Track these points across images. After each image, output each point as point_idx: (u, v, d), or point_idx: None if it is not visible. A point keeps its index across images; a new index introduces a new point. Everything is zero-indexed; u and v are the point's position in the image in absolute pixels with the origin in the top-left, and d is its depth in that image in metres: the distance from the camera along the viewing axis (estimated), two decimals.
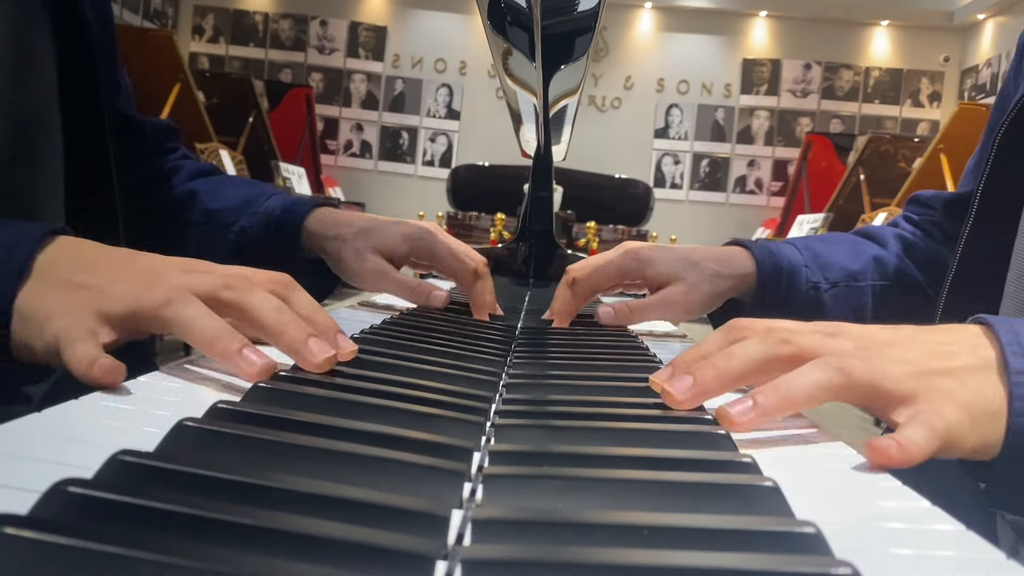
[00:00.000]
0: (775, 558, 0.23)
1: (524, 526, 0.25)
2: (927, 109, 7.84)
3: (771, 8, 7.78)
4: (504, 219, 5.06)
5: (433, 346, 0.58)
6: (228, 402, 0.35)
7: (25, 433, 0.31)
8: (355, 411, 0.38)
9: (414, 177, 8.00)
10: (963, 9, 7.39)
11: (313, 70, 8.00)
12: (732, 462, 0.33)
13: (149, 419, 0.35)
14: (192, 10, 7.97)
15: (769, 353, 0.43)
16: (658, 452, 0.35)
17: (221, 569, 0.20)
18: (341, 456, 0.30)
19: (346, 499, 0.26)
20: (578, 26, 0.86)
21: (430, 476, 0.29)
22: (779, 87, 7.92)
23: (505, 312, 0.84)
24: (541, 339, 0.71)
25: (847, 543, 0.26)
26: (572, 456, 0.33)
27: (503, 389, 0.47)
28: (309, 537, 0.23)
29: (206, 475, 0.26)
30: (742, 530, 0.25)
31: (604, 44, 7.76)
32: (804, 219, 6.12)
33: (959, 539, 0.28)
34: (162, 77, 4.89)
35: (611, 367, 0.58)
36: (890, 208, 5.01)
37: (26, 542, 0.20)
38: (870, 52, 7.88)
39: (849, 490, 0.34)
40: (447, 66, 7.94)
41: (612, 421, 0.40)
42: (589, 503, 0.29)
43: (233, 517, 0.23)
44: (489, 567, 0.22)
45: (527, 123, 1.24)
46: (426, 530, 0.25)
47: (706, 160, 7.94)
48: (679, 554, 0.23)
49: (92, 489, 0.24)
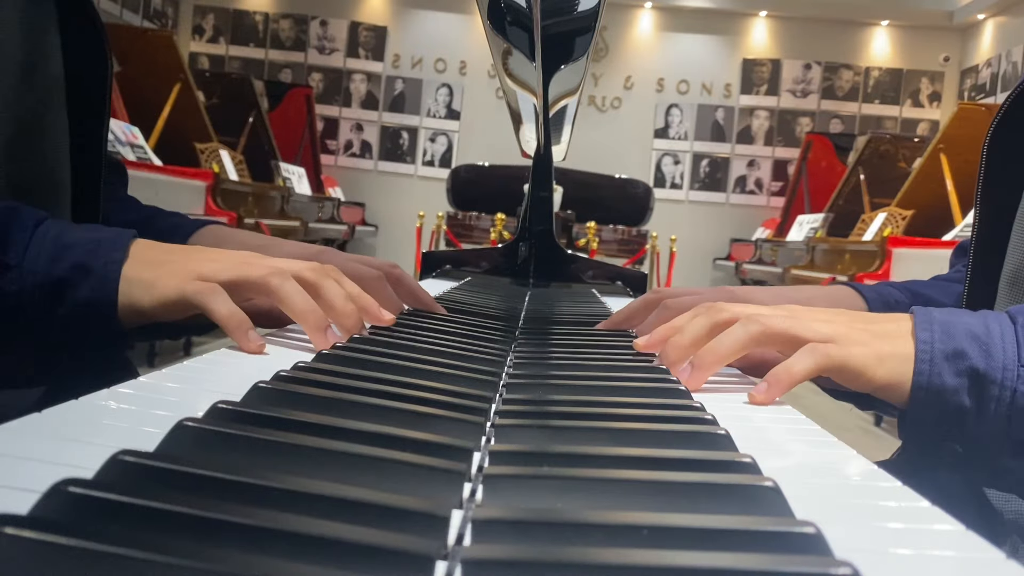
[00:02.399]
0: (775, 558, 0.23)
1: (524, 526, 0.25)
2: (927, 109, 7.83)
3: (771, 8, 7.78)
4: (504, 219, 5.06)
5: (433, 346, 0.58)
6: (228, 402, 0.35)
7: (25, 433, 0.31)
8: (355, 411, 0.38)
9: (414, 177, 8.00)
10: (963, 9, 7.39)
11: (313, 70, 8.00)
12: (732, 462, 0.33)
13: (149, 419, 0.35)
14: (192, 10, 7.97)
15: (711, 321, 0.55)
16: (658, 452, 0.35)
17: (221, 569, 0.20)
18: (341, 456, 0.30)
19: (346, 499, 0.26)
20: (578, 26, 0.86)
21: (430, 476, 0.29)
22: (779, 87, 7.92)
23: (505, 312, 0.84)
24: (541, 339, 0.71)
25: (847, 543, 0.26)
26: (572, 456, 0.34)
27: (503, 389, 0.47)
28: (309, 537, 0.23)
29: (206, 475, 0.26)
30: (742, 530, 0.25)
31: (604, 44, 7.76)
32: (804, 219, 6.12)
33: (959, 539, 0.28)
34: (162, 77, 4.90)
35: (611, 367, 0.58)
36: (890, 208, 5.01)
37: (26, 542, 0.20)
38: (870, 52, 7.88)
39: (849, 490, 0.34)
40: (447, 66, 7.93)
41: (612, 421, 0.40)
42: (589, 503, 0.29)
43: (233, 517, 0.23)
44: (489, 567, 0.22)
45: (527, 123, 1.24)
46: (426, 530, 0.25)
47: (706, 160, 7.94)
48: (679, 554, 0.23)
49: (92, 489, 0.24)
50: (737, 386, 0.57)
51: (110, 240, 0.55)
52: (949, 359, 0.50)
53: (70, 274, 0.53)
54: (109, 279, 0.53)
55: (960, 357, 0.50)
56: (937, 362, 0.50)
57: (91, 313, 0.53)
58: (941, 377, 0.50)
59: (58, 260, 0.53)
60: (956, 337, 0.51)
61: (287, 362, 0.47)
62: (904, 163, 5.90)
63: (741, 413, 0.49)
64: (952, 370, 0.50)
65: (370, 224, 7.73)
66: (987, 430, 0.50)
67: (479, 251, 1.50)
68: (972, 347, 0.50)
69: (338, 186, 7.48)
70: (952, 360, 0.50)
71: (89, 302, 0.53)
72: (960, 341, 0.51)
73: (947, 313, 0.53)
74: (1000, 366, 0.49)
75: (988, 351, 0.50)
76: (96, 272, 0.53)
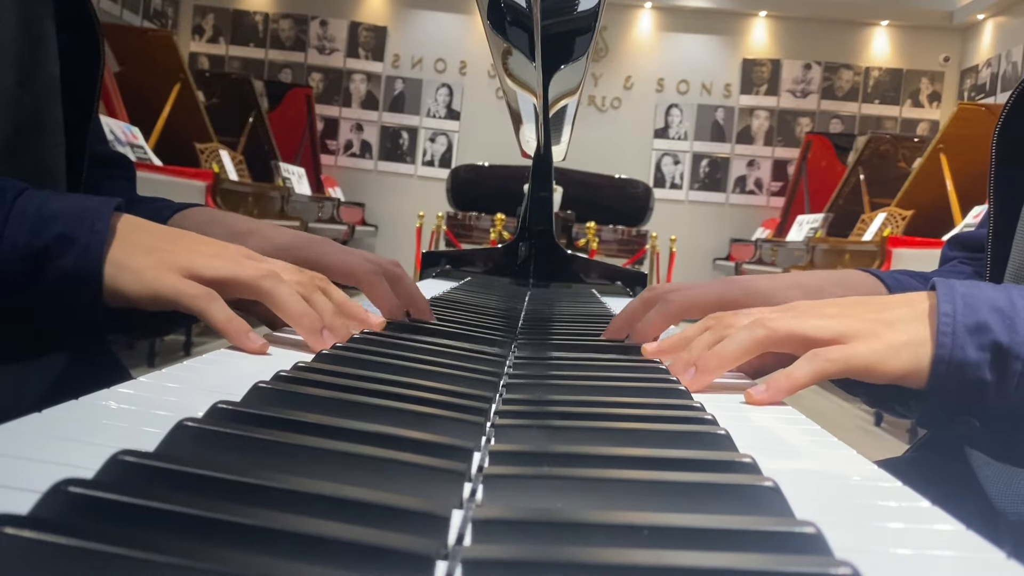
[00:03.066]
0: (775, 558, 0.23)
1: (524, 526, 0.25)
2: (927, 109, 7.84)
3: (771, 8, 7.78)
4: (504, 219, 5.06)
5: (433, 346, 0.58)
6: (228, 402, 0.35)
7: (25, 433, 0.31)
8: (355, 411, 0.38)
9: (414, 177, 8.00)
10: (963, 9, 7.39)
11: (313, 70, 8.00)
12: (732, 462, 0.33)
13: (149, 419, 0.35)
14: (192, 10, 7.97)
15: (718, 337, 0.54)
16: (658, 452, 0.35)
17: (221, 569, 0.20)
18: (341, 456, 0.30)
19: (346, 499, 0.26)
20: (578, 26, 0.86)
21: (430, 476, 0.29)
22: (779, 87, 7.92)
23: (505, 312, 0.83)
24: (541, 339, 0.71)
25: (847, 543, 0.26)
26: (572, 456, 0.33)
27: (503, 389, 0.47)
28: (309, 537, 0.23)
29: (206, 475, 0.26)
30: (742, 530, 0.25)
31: (604, 44, 7.76)
32: (804, 219, 6.12)
33: (959, 539, 0.28)
34: (162, 77, 4.90)
35: (611, 367, 0.58)
36: (890, 208, 5.01)
37: (26, 542, 0.20)
38: (870, 52, 7.88)
39: (849, 490, 0.34)
40: (447, 66, 7.94)
41: (612, 421, 0.40)
42: (589, 503, 0.29)
43: (233, 517, 0.23)
44: (489, 567, 0.22)
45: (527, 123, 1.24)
46: (426, 530, 0.25)
47: (706, 160, 7.94)
48: (679, 554, 0.23)
49: (92, 489, 0.24)
50: (737, 385, 0.57)
51: (94, 209, 0.53)
52: (972, 332, 0.49)
53: (52, 244, 0.51)
54: (93, 249, 0.52)
55: (983, 330, 0.49)
56: (960, 335, 0.49)
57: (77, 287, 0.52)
58: (963, 351, 0.49)
59: (40, 231, 0.51)
60: (979, 310, 0.50)
61: (287, 362, 0.47)
62: (904, 163, 5.90)
63: (741, 413, 0.49)
64: (975, 343, 0.49)
65: (370, 224, 7.73)
66: (1007, 404, 0.49)
67: (479, 251, 1.50)
68: (995, 320, 0.49)
69: (338, 186, 7.48)
70: (975, 333, 0.49)
71: (73, 273, 0.51)
72: (983, 314, 0.49)
73: (969, 286, 0.51)
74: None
75: (1012, 325, 0.49)
76: (80, 242, 0.51)
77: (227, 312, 0.53)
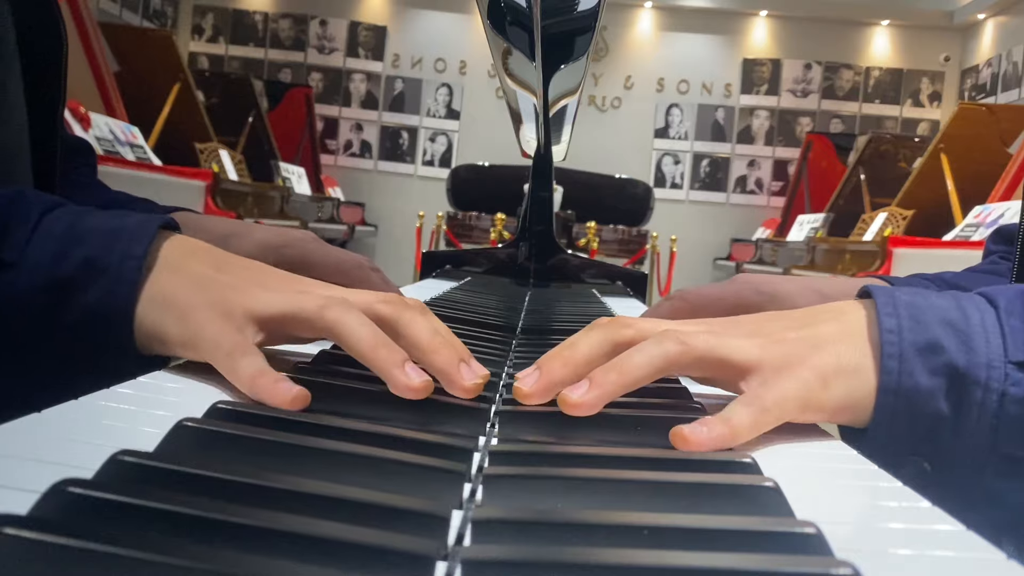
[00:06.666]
0: (775, 558, 0.23)
1: (524, 526, 0.25)
2: (927, 109, 7.83)
3: (771, 8, 7.78)
4: (504, 219, 5.06)
5: None
6: (228, 402, 0.35)
7: (25, 433, 0.31)
8: (355, 411, 0.38)
9: (414, 177, 8.00)
10: (963, 9, 7.39)
11: (313, 70, 7.99)
12: (732, 462, 0.33)
13: (149, 419, 0.35)
14: (192, 10, 7.97)
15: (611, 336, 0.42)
16: (658, 452, 0.35)
17: (221, 569, 0.20)
18: (341, 456, 0.30)
19: (346, 499, 0.26)
20: (578, 26, 0.86)
21: (430, 476, 0.29)
22: (779, 87, 7.91)
23: (505, 312, 0.83)
24: (541, 339, 0.71)
25: (847, 543, 0.26)
26: (572, 456, 0.33)
27: (503, 389, 0.47)
28: (309, 537, 0.23)
29: (206, 475, 0.26)
30: (742, 530, 0.25)
31: (604, 44, 7.76)
32: (804, 219, 6.13)
33: (959, 539, 0.28)
34: (162, 77, 4.90)
35: None
36: (890, 208, 5.01)
37: (26, 542, 0.20)
38: (870, 52, 7.88)
39: (849, 490, 0.34)
40: (447, 66, 7.93)
41: (612, 421, 0.40)
42: (589, 503, 0.29)
43: (233, 517, 0.23)
44: (489, 567, 0.22)
45: (527, 123, 1.24)
46: (426, 530, 0.25)
47: (706, 160, 7.93)
48: (679, 554, 0.23)
49: (92, 489, 0.24)
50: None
51: (132, 228, 0.44)
52: (922, 353, 0.40)
53: (77, 272, 0.42)
54: (124, 280, 0.42)
55: (935, 350, 0.40)
56: (908, 358, 0.40)
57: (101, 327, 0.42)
58: (913, 377, 0.39)
59: (64, 256, 0.42)
60: (929, 325, 0.40)
61: (287, 362, 0.47)
62: (904, 163, 5.90)
63: None
64: (926, 368, 0.40)
65: (370, 224, 7.73)
66: (966, 443, 0.39)
67: (479, 251, 1.50)
68: (948, 337, 0.40)
69: (338, 186, 7.47)
70: (925, 354, 0.40)
71: (97, 310, 0.42)
72: (934, 330, 0.40)
73: (912, 293, 0.42)
74: (984, 362, 0.39)
75: (968, 343, 0.40)
76: (110, 271, 0.42)
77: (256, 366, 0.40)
